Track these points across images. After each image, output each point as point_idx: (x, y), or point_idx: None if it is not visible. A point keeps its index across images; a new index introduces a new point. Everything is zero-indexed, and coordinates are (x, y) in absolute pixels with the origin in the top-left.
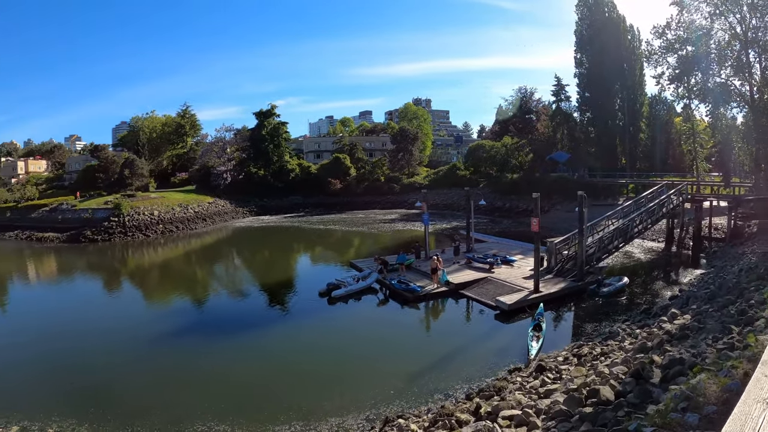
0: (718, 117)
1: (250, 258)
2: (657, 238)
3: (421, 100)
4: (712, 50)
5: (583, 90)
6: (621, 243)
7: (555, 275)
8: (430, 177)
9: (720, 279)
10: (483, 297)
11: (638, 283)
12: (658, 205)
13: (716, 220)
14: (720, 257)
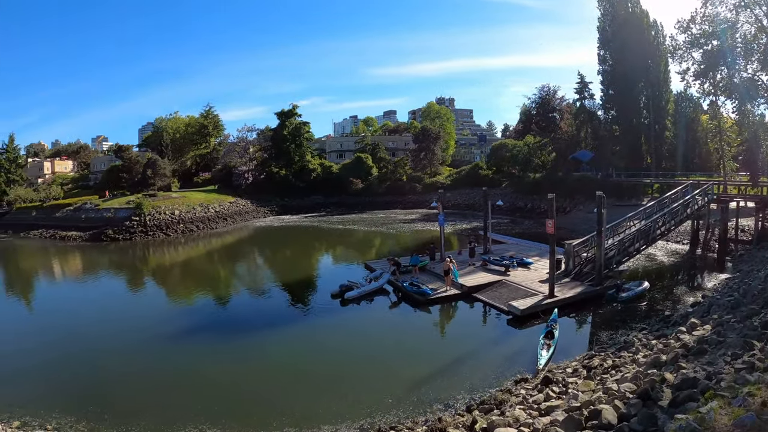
0: (745, 114)
1: (265, 258)
2: (681, 240)
3: (445, 99)
4: (738, 44)
5: (607, 87)
6: (643, 245)
7: (572, 279)
8: (452, 177)
9: (745, 285)
10: (496, 301)
11: (659, 288)
12: (682, 206)
13: (744, 222)
14: (746, 261)
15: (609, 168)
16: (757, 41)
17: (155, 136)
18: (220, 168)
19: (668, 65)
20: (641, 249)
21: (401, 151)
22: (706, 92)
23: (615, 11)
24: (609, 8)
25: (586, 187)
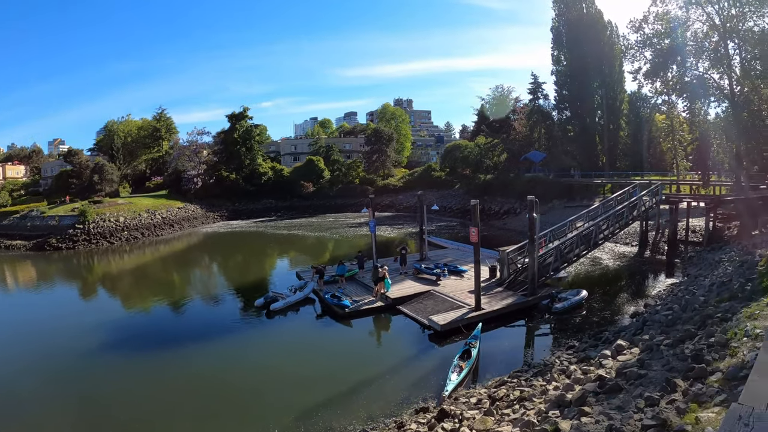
0: (695, 112)
1: (199, 268)
2: (631, 242)
3: (403, 101)
4: (689, 42)
5: (561, 88)
6: (584, 251)
7: (506, 288)
8: (405, 178)
9: (688, 295)
10: (419, 314)
11: (600, 296)
12: (627, 208)
13: (695, 222)
14: (696, 264)
15: (571, 168)
16: (709, 39)
17: (107, 140)
18: (170, 172)
19: (622, 65)
20: (582, 254)
21: (357, 153)
22: (659, 92)
23: (569, 12)
24: (563, 9)
25: (537, 187)
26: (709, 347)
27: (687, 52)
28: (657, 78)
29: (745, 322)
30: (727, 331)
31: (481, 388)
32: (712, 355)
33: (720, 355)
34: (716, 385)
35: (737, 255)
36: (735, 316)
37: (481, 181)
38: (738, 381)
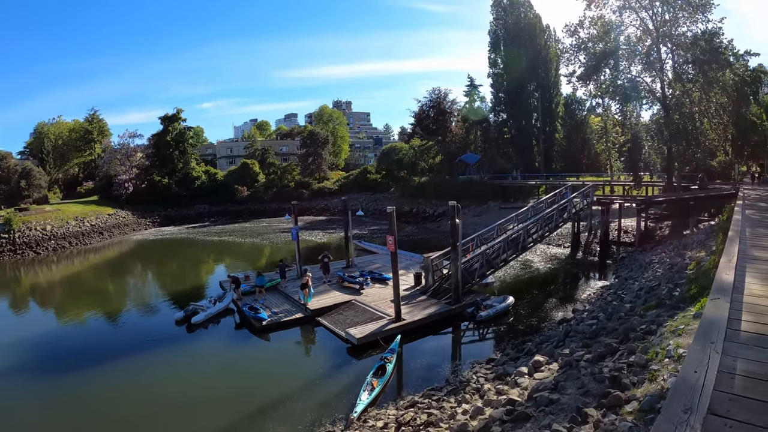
0: (627, 115)
1: (120, 281)
2: (563, 243)
3: (342, 103)
4: (622, 46)
5: (497, 90)
6: (512, 255)
7: (430, 296)
8: (341, 182)
9: (616, 301)
10: (338, 326)
11: (528, 302)
12: (557, 211)
13: (628, 222)
14: (627, 265)
15: (514, 170)
16: (642, 44)
17: (37, 143)
18: (101, 177)
19: (559, 69)
20: (510, 259)
21: (294, 156)
22: (593, 94)
23: (507, 16)
24: (501, 13)
25: (471, 190)
26: (629, 367)
27: (620, 56)
28: (590, 81)
29: (668, 339)
30: (649, 350)
31: (393, 408)
32: (630, 378)
33: (639, 379)
34: (629, 418)
35: (668, 256)
36: (659, 329)
37: (416, 184)
38: (653, 414)
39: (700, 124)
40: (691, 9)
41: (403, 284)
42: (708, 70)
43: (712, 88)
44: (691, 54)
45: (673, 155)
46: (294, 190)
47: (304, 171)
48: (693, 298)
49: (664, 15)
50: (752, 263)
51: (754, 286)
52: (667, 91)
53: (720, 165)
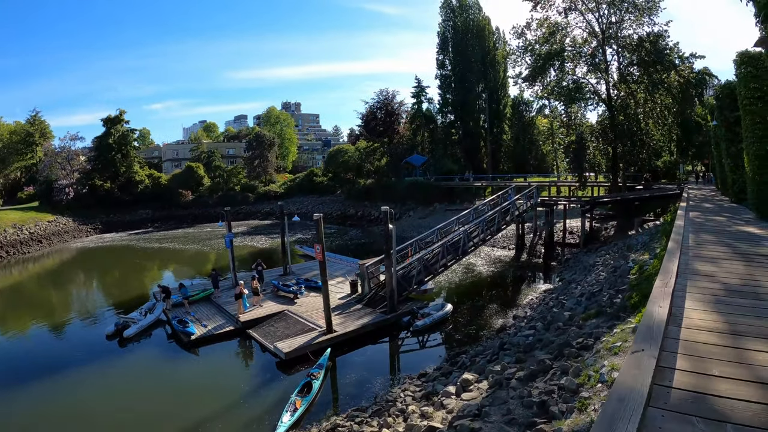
0: (571, 115)
1: (54, 293)
2: (508, 245)
3: (291, 104)
4: (568, 48)
5: (444, 92)
6: (452, 260)
7: (365, 305)
8: (287, 185)
9: (556, 308)
10: (268, 339)
11: (469, 309)
12: (500, 213)
13: (573, 223)
14: (571, 267)
15: (465, 171)
16: (588, 45)
17: None
18: (41, 182)
19: (507, 70)
20: (450, 264)
21: (240, 159)
22: (539, 96)
23: (456, 18)
24: (450, 14)
25: (417, 192)
26: (560, 390)
27: (566, 58)
28: (535, 82)
29: (603, 359)
30: (581, 372)
31: (315, 430)
32: (559, 406)
33: (568, 407)
34: None
35: (612, 258)
36: (596, 345)
37: (362, 186)
38: None
39: (645, 125)
40: (637, 12)
41: (339, 292)
42: (653, 71)
43: (657, 89)
44: (637, 55)
45: (618, 156)
46: (239, 194)
47: (251, 174)
48: (634, 307)
49: (610, 17)
50: (694, 280)
51: (695, 315)
52: (612, 93)
53: (665, 165)
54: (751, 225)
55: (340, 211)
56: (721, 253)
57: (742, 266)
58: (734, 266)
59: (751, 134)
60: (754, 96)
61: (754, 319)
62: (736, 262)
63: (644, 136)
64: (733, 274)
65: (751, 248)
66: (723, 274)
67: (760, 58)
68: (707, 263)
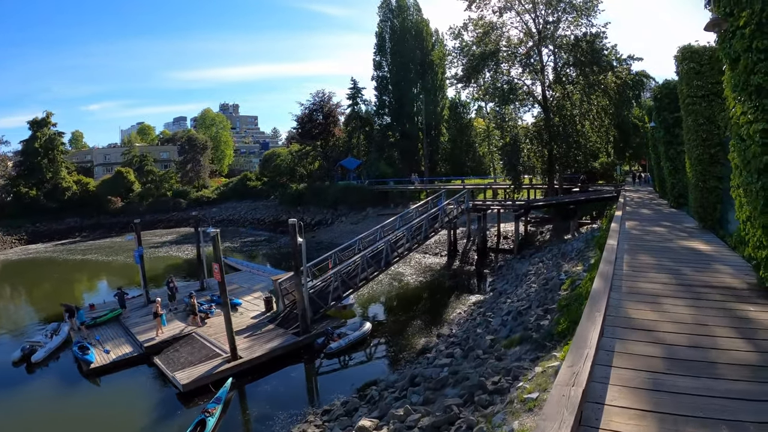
0: (505, 117)
1: None
2: (440, 252)
3: (229, 106)
4: (503, 48)
5: (381, 93)
6: (374, 272)
7: (278, 325)
8: (220, 190)
9: (481, 327)
10: (170, 367)
11: (391, 325)
12: (427, 220)
13: (509, 227)
14: (504, 275)
15: (411, 174)
16: (524, 45)
17: None
18: None
19: (445, 72)
20: (372, 277)
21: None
22: (475, 97)
23: (395, 18)
24: (389, 14)
25: (350, 196)
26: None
27: (501, 58)
28: (470, 83)
29: (513, 419)
30: None
31: None
32: None
33: None
34: None
35: (545, 266)
36: (511, 391)
37: (294, 191)
38: None
39: (581, 126)
40: (575, 13)
41: (255, 310)
42: (589, 72)
43: (593, 90)
44: (572, 55)
45: (553, 157)
46: (171, 200)
47: (183, 179)
48: (561, 335)
49: (547, 17)
50: (624, 342)
51: (616, 419)
52: (547, 94)
53: (602, 166)
54: (695, 238)
55: (272, 217)
56: (662, 284)
57: (689, 310)
58: (678, 309)
59: (694, 136)
60: (696, 95)
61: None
62: (681, 300)
63: (580, 138)
64: (677, 324)
65: (698, 275)
66: (664, 325)
67: (704, 53)
68: (644, 306)
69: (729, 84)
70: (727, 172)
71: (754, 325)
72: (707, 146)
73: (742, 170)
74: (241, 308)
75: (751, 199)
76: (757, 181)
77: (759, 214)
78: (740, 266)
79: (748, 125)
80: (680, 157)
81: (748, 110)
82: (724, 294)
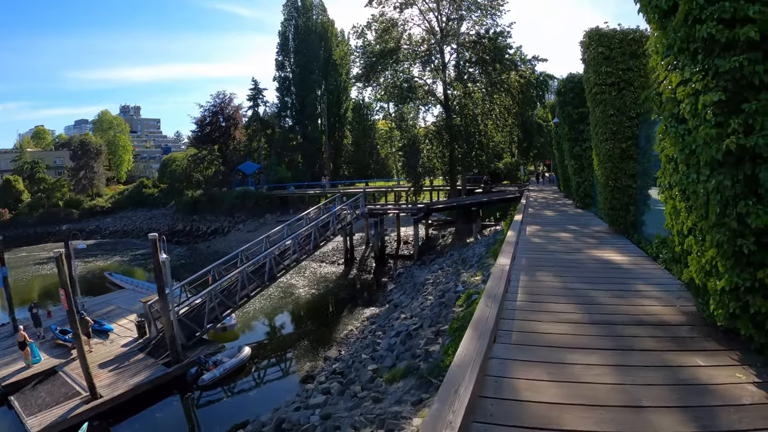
0: (404, 116)
1: None
2: (338, 260)
3: (130, 108)
4: (404, 46)
5: (283, 95)
6: (255, 289)
7: (150, 353)
8: (115, 198)
9: (366, 353)
10: (26, 411)
11: (276, 348)
12: (316, 228)
13: (411, 232)
14: (402, 284)
15: (321, 177)
16: (427, 43)
17: None
18: None
19: (349, 73)
20: (253, 294)
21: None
22: (377, 97)
23: (299, 17)
24: (293, 13)
25: (248, 202)
26: None
27: (402, 56)
28: (369, 82)
29: None
30: None
31: None
32: None
33: None
34: None
35: (444, 274)
36: None
37: (190, 198)
38: None
39: (483, 126)
40: (479, 11)
41: (127, 336)
42: (492, 71)
43: (496, 89)
44: (474, 53)
45: (455, 158)
46: (62, 210)
47: (77, 187)
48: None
49: (451, 14)
50: None
51: None
52: (449, 93)
53: (506, 167)
54: (607, 245)
55: (168, 226)
56: (569, 325)
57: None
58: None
59: (603, 129)
60: (606, 82)
61: None
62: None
63: (483, 138)
64: (596, 411)
65: (618, 304)
66: (574, 414)
67: (614, 37)
68: (542, 371)
69: (657, 48)
70: (642, 169)
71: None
72: (618, 140)
73: (681, 164)
74: (114, 334)
75: (697, 204)
76: (708, 179)
77: (711, 226)
78: (667, 284)
79: (692, 98)
80: (586, 154)
81: (693, 77)
82: (658, 338)
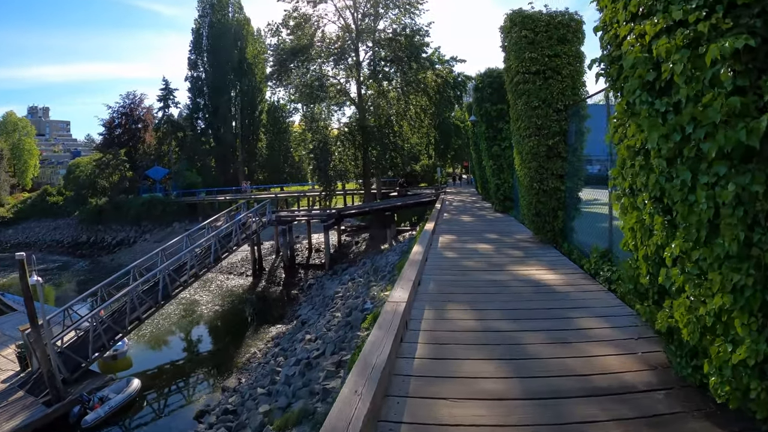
0: (314, 117)
1: None
2: (246, 271)
3: (38, 109)
4: (317, 43)
5: (196, 96)
6: (150, 310)
7: (29, 391)
8: (18, 207)
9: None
10: None
11: (170, 377)
12: (217, 239)
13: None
14: (312, 297)
15: (240, 182)
16: (341, 40)
17: None
18: None
19: (264, 73)
20: (145, 317)
21: None
22: (291, 98)
23: (214, 15)
24: (208, 10)
25: (155, 210)
26: None
27: (314, 53)
28: (281, 80)
29: None
30: None
31: None
32: None
33: None
34: None
35: (354, 286)
36: None
37: (94, 206)
38: None
39: (398, 127)
40: (397, 10)
41: (9, 369)
42: (407, 69)
43: (411, 89)
44: (390, 51)
45: (368, 161)
46: None
47: None
48: None
49: (368, 11)
50: None
51: None
52: (363, 92)
53: (423, 169)
54: (535, 259)
55: (71, 238)
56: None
57: None
58: None
59: (526, 124)
60: (530, 70)
61: None
62: None
63: (398, 139)
64: None
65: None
66: None
67: (540, 19)
68: None
69: None
70: (572, 168)
71: None
72: (543, 136)
73: (658, 159)
74: None
75: (691, 221)
76: (720, 182)
77: (724, 258)
78: (617, 315)
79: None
80: (505, 153)
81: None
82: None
